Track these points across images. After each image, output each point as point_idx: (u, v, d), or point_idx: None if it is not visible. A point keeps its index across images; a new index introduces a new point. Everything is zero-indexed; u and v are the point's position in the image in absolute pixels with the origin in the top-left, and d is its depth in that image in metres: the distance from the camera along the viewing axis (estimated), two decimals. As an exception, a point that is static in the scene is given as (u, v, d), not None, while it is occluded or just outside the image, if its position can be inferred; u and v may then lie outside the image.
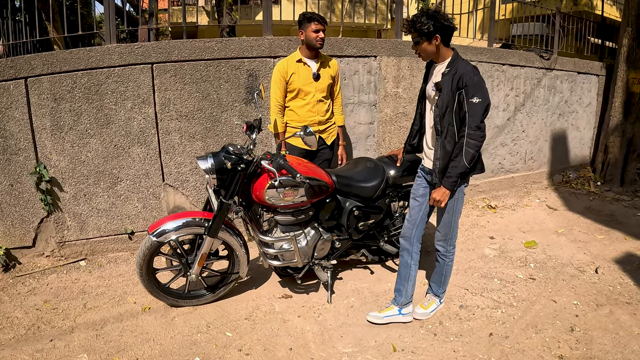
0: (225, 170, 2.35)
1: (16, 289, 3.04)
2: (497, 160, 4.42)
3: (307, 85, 2.86)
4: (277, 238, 2.57)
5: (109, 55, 3.07)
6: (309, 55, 2.87)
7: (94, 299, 2.88)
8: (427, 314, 2.58)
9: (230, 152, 2.38)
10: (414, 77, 3.80)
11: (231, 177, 2.38)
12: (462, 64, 2.15)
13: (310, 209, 2.63)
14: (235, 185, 2.39)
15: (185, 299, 2.70)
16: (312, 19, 2.75)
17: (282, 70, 2.83)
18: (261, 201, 2.48)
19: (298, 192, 2.47)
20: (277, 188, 2.40)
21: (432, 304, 2.60)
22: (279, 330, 2.51)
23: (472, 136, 2.08)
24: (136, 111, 3.17)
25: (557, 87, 4.55)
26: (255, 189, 2.46)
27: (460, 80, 2.08)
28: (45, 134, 3.11)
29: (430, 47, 2.16)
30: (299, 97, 2.89)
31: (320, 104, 2.92)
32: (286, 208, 2.53)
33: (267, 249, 2.58)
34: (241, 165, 2.37)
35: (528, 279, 3.03)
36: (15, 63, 3.00)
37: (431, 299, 2.61)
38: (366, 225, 2.82)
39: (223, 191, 2.41)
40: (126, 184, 3.27)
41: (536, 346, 2.30)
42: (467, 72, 2.09)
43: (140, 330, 2.52)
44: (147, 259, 2.49)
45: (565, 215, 4.19)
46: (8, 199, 3.15)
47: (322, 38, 2.78)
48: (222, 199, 2.40)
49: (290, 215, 2.56)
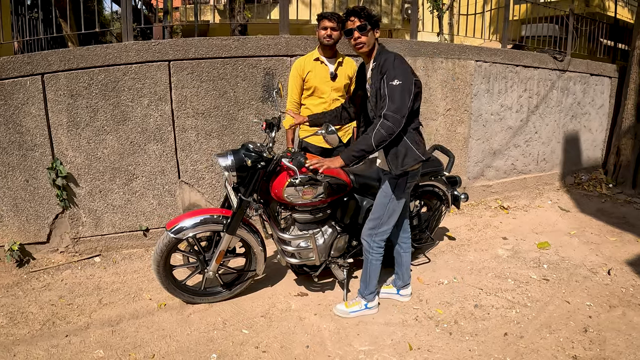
0: (245, 167, 2.35)
1: (30, 284, 3.05)
2: (509, 161, 4.41)
3: (323, 84, 2.86)
4: (296, 236, 2.56)
5: (126, 52, 3.08)
6: (326, 54, 2.87)
7: (109, 295, 2.88)
8: (346, 312, 2.52)
9: (250, 150, 2.38)
10: (429, 78, 3.80)
11: (251, 175, 2.38)
12: (385, 54, 2.11)
13: (328, 208, 2.63)
14: (255, 183, 2.39)
15: (201, 295, 2.70)
16: (322, 16, 2.76)
17: (299, 68, 2.84)
18: (280, 199, 2.48)
19: (317, 191, 2.46)
20: (296, 186, 2.39)
21: (355, 305, 2.54)
22: (296, 327, 2.50)
23: (388, 117, 1.98)
24: (153, 108, 3.17)
25: (570, 88, 4.54)
26: (274, 187, 2.46)
27: (382, 67, 2.04)
28: (62, 130, 3.12)
29: (372, 39, 2.12)
30: (314, 96, 2.89)
31: (337, 103, 2.91)
32: (304, 206, 2.53)
33: (285, 246, 2.58)
34: (261, 163, 2.37)
35: (542, 280, 3.02)
36: (32, 59, 3.01)
37: (358, 300, 2.56)
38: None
39: (242, 189, 2.41)
40: (142, 181, 3.28)
41: (550, 346, 2.31)
42: (388, 58, 2.05)
43: (156, 327, 2.52)
44: (164, 255, 2.49)
45: (578, 217, 4.17)
46: (23, 195, 3.16)
47: (329, 35, 2.73)
48: (241, 197, 2.40)
49: (308, 213, 2.56)
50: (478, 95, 4.05)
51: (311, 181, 2.42)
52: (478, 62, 3.96)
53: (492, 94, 4.11)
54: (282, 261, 2.70)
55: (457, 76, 3.90)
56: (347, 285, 2.74)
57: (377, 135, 1.97)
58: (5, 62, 3.00)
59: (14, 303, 2.82)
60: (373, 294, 2.57)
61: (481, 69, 4.00)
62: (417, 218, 3.05)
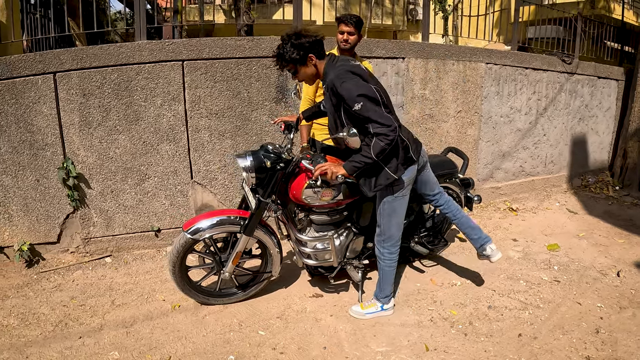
0: (264, 169, 2.34)
1: (41, 285, 3.02)
2: (518, 163, 4.43)
3: None
4: (314, 237, 2.56)
5: (139, 52, 3.06)
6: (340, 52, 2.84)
7: (122, 296, 2.86)
8: (362, 314, 2.53)
9: (269, 151, 2.37)
10: (440, 80, 3.80)
11: (269, 176, 2.37)
12: (329, 72, 2.05)
13: (345, 209, 2.62)
14: (273, 185, 2.38)
15: (216, 297, 2.69)
16: (340, 19, 2.72)
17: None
18: (298, 200, 2.47)
19: (335, 192, 2.46)
20: (315, 188, 2.38)
21: (371, 307, 2.55)
22: (312, 329, 2.50)
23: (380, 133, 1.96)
24: (166, 108, 3.16)
25: (578, 91, 4.57)
26: (292, 188, 2.45)
27: (333, 91, 2.00)
28: (74, 129, 3.10)
29: (310, 69, 2.08)
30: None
31: None
32: (321, 208, 2.53)
33: (303, 248, 2.57)
34: (280, 164, 2.35)
35: (553, 281, 3.04)
36: (44, 57, 2.99)
37: (374, 302, 2.57)
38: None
39: (260, 190, 2.40)
40: (154, 181, 3.26)
41: (564, 347, 2.33)
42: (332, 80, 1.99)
43: (171, 328, 2.51)
44: (180, 256, 2.48)
45: (586, 219, 4.19)
46: (33, 195, 3.14)
47: (345, 40, 2.71)
48: (260, 198, 2.39)
49: (325, 215, 2.56)
50: (488, 98, 4.06)
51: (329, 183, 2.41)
52: (488, 64, 3.98)
53: (501, 97, 4.12)
54: (299, 262, 2.70)
55: (467, 78, 3.91)
56: (362, 287, 2.74)
57: (377, 146, 1.97)
58: (16, 61, 2.98)
59: (24, 304, 2.79)
60: (389, 297, 2.57)
61: (491, 71, 4.02)
62: (431, 220, 3.04)
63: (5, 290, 2.95)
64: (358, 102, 1.95)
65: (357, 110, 1.96)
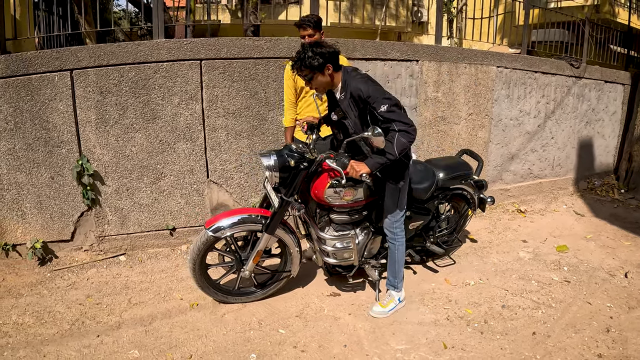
0: (287, 168, 2.35)
1: (55, 283, 3.01)
2: (526, 165, 4.48)
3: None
4: (336, 236, 2.57)
5: (157, 50, 3.06)
6: None
7: (138, 294, 2.85)
8: (384, 312, 2.57)
9: (293, 151, 2.39)
10: (452, 82, 3.84)
11: (293, 175, 2.38)
12: (349, 82, 2.17)
13: (364, 209, 2.65)
14: (296, 184, 2.39)
15: (234, 295, 2.69)
16: (299, 25, 2.77)
17: (288, 71, 2.79)
18: (320, 200, 2.49)
19: (357, 192, 2.48)
20: (337, 188, 2.40)
21: (390, 303, 2.60)
22: (331, 327, 2.51)
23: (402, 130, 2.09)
24: (183, 107, 3.16)
25: (586, 95, 4.63)
26: (314, 188, 2.47)
27: (359, 98, 2.10)
28: (90, 127, 3.09)
29: (325, 78, 2.18)
30: (301, 96, 2.93)
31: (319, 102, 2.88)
32: (342, 207, 2.55)
33: (324, 246, 2.59)
34: (304, 163, 2.37)
35: (563, 282, 3.09)
36: (61, 54, 2.98)
37: (390, 296, 2.62)
38: (415, 226, 2.85)
39: (283, 189, 2.41)
40: (170, 180, 3.26)
41: (577, 345, 2.38)
42: (357, 87, 2.11)
43: (190, 327, 2.51)
44: (201, 253, 2.49)
45: (592, 222, 4.25)
46: (48, 192, 3.13)
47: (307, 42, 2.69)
48: (282, 197, 2.40)
49: (345, 214, 2.58)
50: (499, 101, 4.11)
51: (351, 182, 2.44)
52: (499, 67, 4.02)
53: (511, 100, 4.17)
54: (319, 261, 2.71)
55: (479, 81, 3.95)
56: (378, 285, 2.77)
57: (399, 144, 2.07)
58: (33, 57, 2.97)
59: (39, 302, 2.78)
60: (402, 281, 2.65)
61: (502, 74, 4.06)
62: (447, 221, 3.08)
63: (18, 288, 2.94)
64: (384, 105, 2.08)
65: (382, 112, 2.08)
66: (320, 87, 2.24)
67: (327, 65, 2.15)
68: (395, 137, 2.09)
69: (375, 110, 2.09)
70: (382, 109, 2.08)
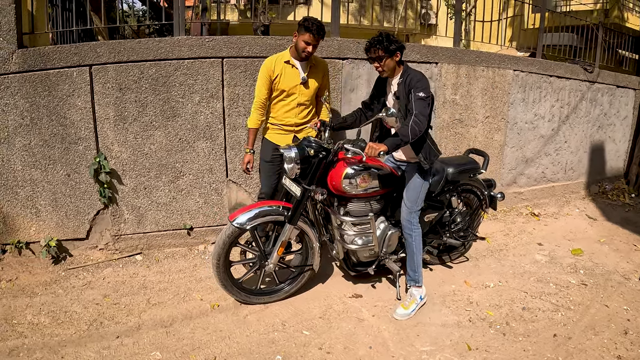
0: (307, 159, 2.44)
1: (70, 282, 2.96)
2: (540, 169, 4.49)
3: (292, 88, 2.73)
4: (356, 222, 2.63)
5: (178, 47, 3.03)
6: (297, 57, 2.71)
7: (157, 294, 2.81)
8: (407, 314, 2.60)
9: (311, 141, 2.50)
10: (470, 85, 3.84)
11: (312, 165, 2.47)
12: (412, 72, 2.49)
13: (381, 200, 2.73)
14: (315, 172, 2.47)
15: (257, 295, 2.67)
16: (309, 29, 2.56)
17: (269, 68, 2.68)
18: (338, 190, 2.55)
19: (372, 179, 2.58)
20: (352, 177, 2.49)
21: (412, 303, 2.64)
22: (356, 329, 2.50)
23: (417, 116, 2.34)
24: (204, 105, 3.12)
25: (598, 99, 4.66)
26: (332, 178, 2.54)
27: (410, 83, 2.43)
28: (108, 124, 3.05)
29: (393, 64, 2.48)
30: (280, 98, 2.77)
31: (301, 108, 2.79)
32: (359, 197, 2.61)
33: (345, 232, 2.65)
34: (322, 152, 2.46)
35: (580, 285, 3.12)
36: (79, 50, 2.94)
37: (412, 297, 2.65)
38: (430, 219, 2.92)
39: (303, 180, 2.49)
40: (188, 179, 3.22)
41: (596, 347, 2.41)
42: (414, 75, 2.45)
43: (212, 328, 2.47)
44: (226, 247, 2.47)
45: (605, 226, 4.27)
46: (63, 189, 3.07)
47: (308, 51, 2.62)
48: (304, 186, 2.46)
49: (363, 203, 2.64)
50: (514, 104, 4.12)
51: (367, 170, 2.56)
52: (516, 71, 4.03)
53: (527, 103, 4.18)
54: (340, 253, 2.73)
55: (496, 84, 3.96)
56: (398, 280, 2.81)
57: (413, 130, 2.34)
58: (51, 52, 2.92)
59: (54, 301, 2.73)
60: (421, 275, 2.71)
61: (518, 78, 4.07)
62: (461, 215, 3.12)
63: (32, 287, 2.88)
64: (420, 92, 2.39)
65: (414, 97, 2.37)
66: (388, 71, 2.50)
67: (397, 52, 2.45)
68: (410, 122, 2.34)
69: (412, 94, 2.38)
70: (416, 95, 2.37)
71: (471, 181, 3.10)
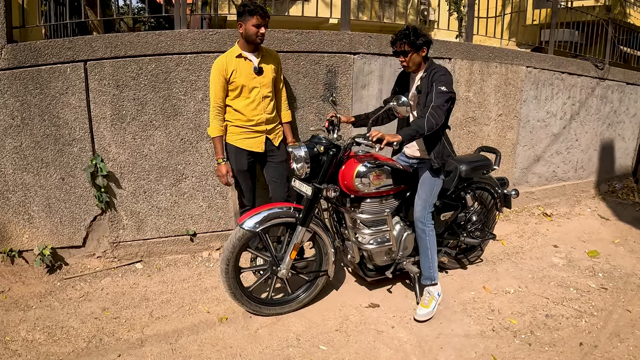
0: (316, 158, 2.36)
1: (66, 294, 2.76)
2: (551, 168, 4.38)
3: (250, 81, 2.56)
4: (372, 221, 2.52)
5: (180, 41, 2.84)
6: (248, 49, 2.55)
7: (159, 307, 2.63)
8: (429, 313, 2.54)
9: (321, 139, 2.42)
10: (484, 82, 3.71)
11: (323, 163, 2.38)
12: (437, 67, 2.45)
13: (394, 199, 2.63)
14: (327, 169, 2.37)
15: (268, 305, 2.51)
16: (254, 12, 2.43)
17: (221, 68, 2.50)
18: (350, 189, 2.44)
19: (385, 176, 2.48)
20: (366, 173, 2.40)
21: (432, 301, 2.58)
22: (375, 342, 2.35)
23: (434, 108, 2.29)
24: (207, 103, 2.94)
25: (608, 97, 4.56)
26: (343, 177, 2.43)
27: (433, 77, 2.38)
28: (105, 123, 2.85)
29: (418, 58, 2.43)
30: (242, 96, 2.57)
31: (267, 100, 2.62)
32: (372, 196, 2.50)
33: (362, 231, 2.53)
34: (332, 149, 2.37)
35: (600, 289, 3.02)
36: (73, 44, 2.74)
37: (430, 294, 2.59)
38: (446, 217, 2.82)
39: (314, 179, 2.38)
40: (191, 181, 3.03)
41: (623, 354, 2.31)
42: (439, 70, 2.41)
43: (222, 344, 2.30)
44: (236, 251, 2.32)
45: (618, 226, 4.19)
46: (57, 194, 2.87)
47: (262, 34, 2.49)
48: (314, 184, 2.34)
49: (377, 202, 2.53)
50: (527, 102, 4.00)
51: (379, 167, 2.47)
52: (529, 67, 3.91)
53: (539, 101, 4.07)
54: (356, 256, 2.60)
55: (509, 81, 3.83)
56: (418, 283, 2.71)
57: (429, 122, 2.26)
58: (42, 47, 2.72)
59: (50, 315, 2.54)
60: (437, 271, 2.63)
61: (531, 75, 3.95)
62: (476, 214, 3.03)
63: (26, 299, 2.68)
64: (442, 86, 2.33)
65: (440, 89, 2.31)
66: (413, 66, 2.44)
67: (423, 47, 2.39)
68: (427, 114, 2.28)
69: (434, 87, 2.33)
70: (437, 88, 2.32)
71: (484, 179, 3.03)
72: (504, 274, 3.13)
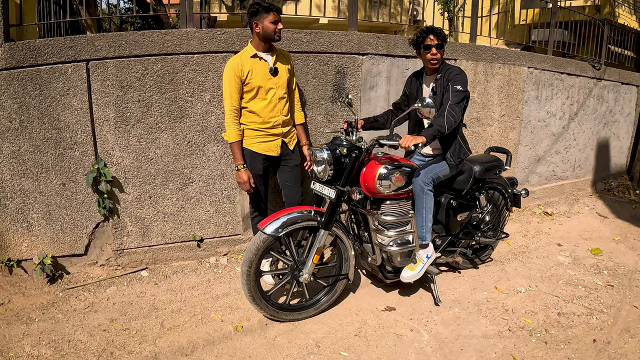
0: (339, 160, 2.34)
1: (70, 304, 2.64)
2: (551, 167, 4.45)
3: (266, 82, 2.49)
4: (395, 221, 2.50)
5: (187, 41, 2.75)
6: (263, 48, 2.49)
7: (170, 316, 2.53)
8: (415, 274, 2.58)
9: (343, 140, 2.40)
10: (487, 83, 3.73)
11: (345, 165, 2.37)
12: (451, 67, 2.51)
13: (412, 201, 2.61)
14: (350, 172, 2.35)
15: (286, 310, 2.45)
16: (270, 8, 2.37)
17: (236, 69, 2.41)
18: (372, 190, 2.41)
19: (405, 177, 2.46)
20: (387, 175, 2.37)
21: (418, 263, 2.60)
22: (396, 346, 2.32)
23: (452, 107, 2.37)
24: (215, 105, 2.86)
25: (604, 96, 4.66)
26: (365, 179, 2.41)
27: (449, 76, 2.45)
28: (108, 126, 2.74)
29: (443, 55, 2.52)
30: (258, 97, 2.50)
31: (282, 102, 2.57)
32: (392, 198, 2.48)
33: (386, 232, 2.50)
34: (355, 151, 2.36)
35: (607, 286, 3.06)
36: (75, 43, 2.63)
37: (418, 257, 2.61)
38: (462, 218, 2.82)
39: (336, 182, 2.36)
40: (198, 186, 2.94)
41: (635, 350, 2.35)
42: (454, 69, 2.48)
43: (240, 354, 2.23)
44: (260, 253, 2.26)
45: (616, 223, 4.28)
46: (58, 201, 2.75)
47: (280, 29, 2.44)
48: (337, 187, 2.32)
49: (396, 205, 2.50)
50: (528, 102, 4.04)
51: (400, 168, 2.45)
52: (530, 68, 3.96)
53: (540, 101, 4.12)
54: (378, 258, 2.57)
55: (511, 82, 3.87)
56: (436, 283, 2.71)
57: (448, 120, 2.34)
58: (42, 46, 2.60)
59: (55, 329, 2.41)
60: (429, 232, 2.63)
61: (532, 75, 4.00)
62: (489, 215, 3.05)
63: (28, 311, 2.55)
64: (458, 86, 2.41)
65: (456, 89, 2.39)
66: (439, 60, 2.51)
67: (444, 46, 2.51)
68: (445, 112, 2.35)
69: (450, 86, 2.39)
70: (453, 87, 2.38)
71: (496, 179, 3.06)
72: (513, 273, 3.15)
